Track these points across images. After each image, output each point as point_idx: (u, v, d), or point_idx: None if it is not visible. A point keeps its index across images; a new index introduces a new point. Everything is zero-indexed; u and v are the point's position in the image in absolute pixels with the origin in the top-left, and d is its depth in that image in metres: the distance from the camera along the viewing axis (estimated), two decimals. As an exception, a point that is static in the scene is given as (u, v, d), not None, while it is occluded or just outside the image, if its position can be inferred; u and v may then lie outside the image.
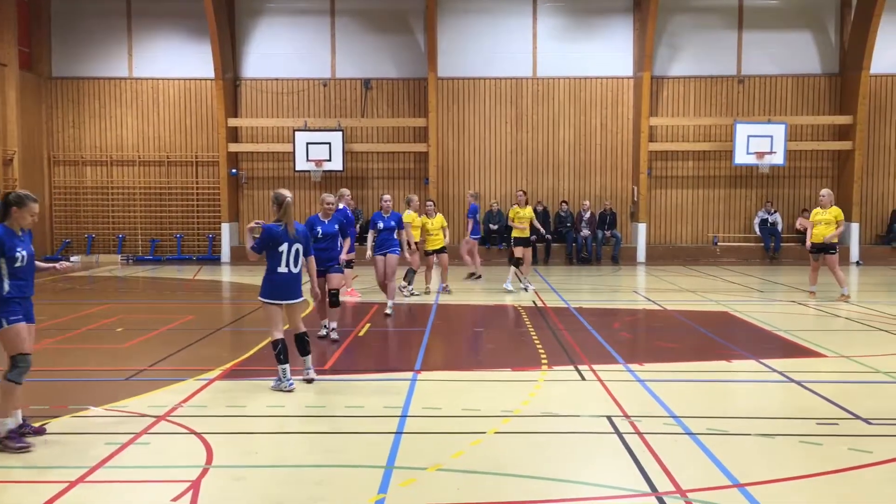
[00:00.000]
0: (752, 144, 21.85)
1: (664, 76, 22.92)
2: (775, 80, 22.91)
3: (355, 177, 23.08)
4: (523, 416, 6.79)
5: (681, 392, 7.70)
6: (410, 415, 6.82)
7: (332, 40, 23.08)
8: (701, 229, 23.32)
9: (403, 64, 23.03)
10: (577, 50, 22.89)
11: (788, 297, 14.83)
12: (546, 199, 22.95)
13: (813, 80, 22.91)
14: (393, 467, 5.50)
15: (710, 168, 23.12)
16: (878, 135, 22.87)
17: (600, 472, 5.52)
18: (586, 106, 23.12)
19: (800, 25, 22.81)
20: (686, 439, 6.10)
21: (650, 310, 13.45)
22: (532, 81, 23.06)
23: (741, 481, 5.17)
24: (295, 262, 7.86)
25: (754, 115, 22.76)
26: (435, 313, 12.86)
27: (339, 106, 23.14)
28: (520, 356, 9.45)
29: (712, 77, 22.95)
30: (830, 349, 9.63)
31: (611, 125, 23.16)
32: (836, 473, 5.36)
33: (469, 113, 23.18)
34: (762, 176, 22.79)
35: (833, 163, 23.05)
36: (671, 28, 22.82)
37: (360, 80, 23.04)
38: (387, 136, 23.18)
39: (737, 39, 22.86)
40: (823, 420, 6.61)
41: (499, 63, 22.93)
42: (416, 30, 22.97)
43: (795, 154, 22.60)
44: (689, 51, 22.93)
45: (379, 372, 8.66)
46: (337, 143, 22.03)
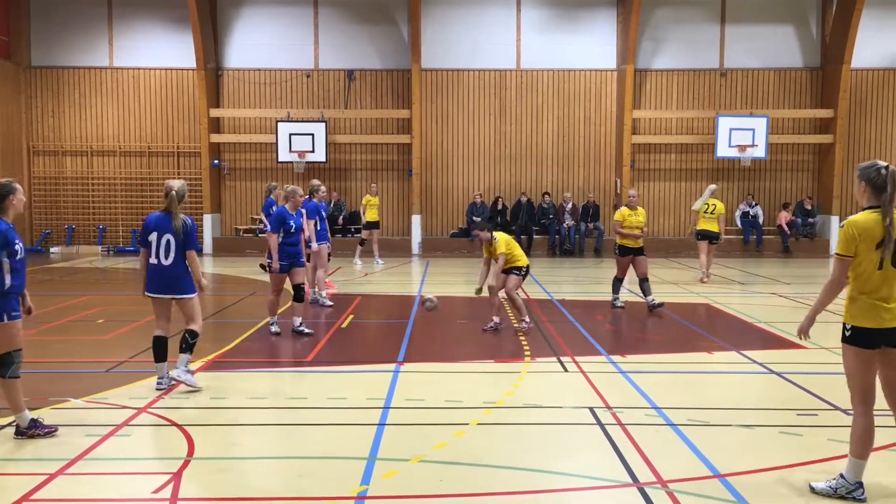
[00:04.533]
0: (734, 137, 21.96)
1: (647, 69, 22.97)
2: (757, 73, 23.02)
3: (338, 168, 22.99)
4: (506, 407, 6.81)
5: (662, 383, 7.75)
6: (393, 406, 6.82)
7: (316, 31, 22.95)
8: (683, 221, 23.42)
9: (387, 55, 22.94)
10: (561, 42, 22.89)
11: (769, 289, 14.94)
12: (529, 191, 22.96)
13: (794, 73, 23.05)
14: (376, 459, 5.50)
15: (692, 161, 23.21)
16: (858, 128, 23.04)
17: (583, 462, 5.54)
18: (570, 98, 23.13)
19: (782, 19, 22.91)
20: (667, 430, 6.14)
21: (632, 302, 13.50)
22: (516, 73, 23.04)
23: (722, 472, 5.21)
24: (166, 253, 7.35)
25: (736, 108, 22.86)
26: (418, 305, 12.85)
27: (322, 97, 23.02)
28: (503, 348, 9.47)
29: (695, 70, 23.03)
30: (810, 341, 9.67)
31: (594, 117, 23.19)
32: (816, 463, 5.41)
33: (453, 104, 23.13)
34: (744, 169, 22.91)
35: (814, 156, 23.21)
36: (654, 21, 22.86)
37: (343, 71, 22.93)
38: (370, 128, 23.10)
39: (719, 33, 22.93)
40: (803, 411, 6.67)
41: (483, 55, 22.89)
42: (399, 20, 22.88)
43: (777, 147, 22.73)
44: (672, 44, 22.99)
45: (362, 363, 8.65)
46: (320, 134, 21.92)
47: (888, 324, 4.76)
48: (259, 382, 7.78)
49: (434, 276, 17.31)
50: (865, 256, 4.79)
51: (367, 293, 14.18)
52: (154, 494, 4.88)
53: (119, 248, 22.86)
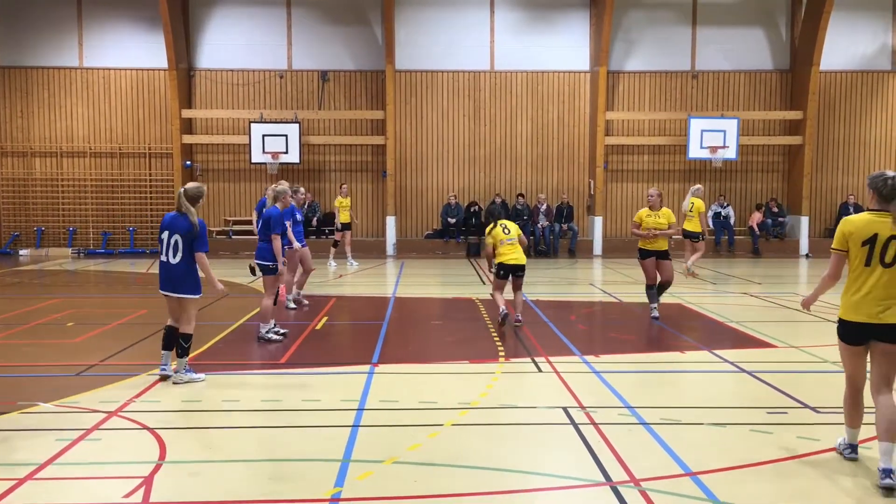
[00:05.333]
0: (705, 139, 22.18)
1: (620, 71, 23.14)
2: (728, 75, 23.28)
3: (312, 169, 22.91)
4: (481, 408, 6.82)
5: (635, 383, 7.81)
6: (367, 408, 6.81)
7: (289, 31, 22.85)
8: (656, 222, 23.57)
9: (361, 56, 22.90)
10: (535, 44, 22.99)
11: (741, 289, 15.10)
12: (504, 192, 23.02)
13: (764, 75, 23.33)
14: (350, 461, 5.49)
15: (664, 162, 23.42)
16: (827, 130, 23.38)
17: (556, 462, 5.57)
18: (543, 99, 23.23)
19: (752, 22, 23.19)
20: (640, 429, 6.18)
21: (606, 302, 13.59)
22: (490, 75, 23.10)
23: (693, 470, 5.26)
24: (174, 252, 7.57)
25: (708, 109, 23.09)
26: (393, 306, 12.84)
27: (295, 98, 22.93)
28: (477, 348, 9.49)
29: (667, 72, 23.24)
30: (780, 339, 9.84)
31: (568, 119, 23.31)
32: (786, 461, 5.48)
33: (427, 106, 23.14)
34: (715, 170, 23.15)
35: (784, 157, 23.51)
36: (627, 23, 23.03)
37: (316, 71, 22.86)
38: (344, 129, 23.04)
39: (691, 35, 23.16)
40: (773, 409, 6.75)
41: (456, 56, 22.93)
42: (373, 22, 22.85)
43: (747, 148, 22.99)
44: (644, 46, 23.18)
45: (336, 365, 8.62)
46: (293, 135, 21.83)
47: (869, 319, 5.13)
48: (232, 385, 7.72)
49: (408, 277, 17.31)
50: (854, 252, 5.22)
51: (341, 295, 14.13)
52: (125, 499, 4.83)
53: (90, 251, 22.59)
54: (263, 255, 9.96)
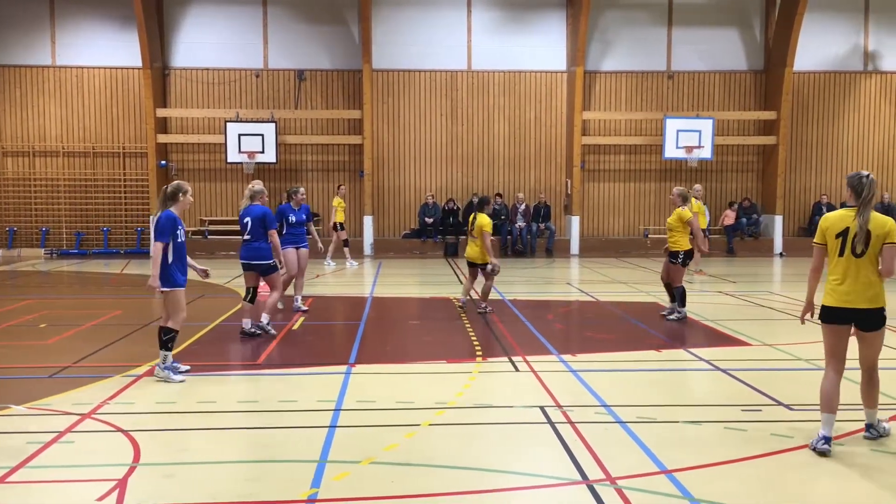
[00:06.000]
0: (681, 139, 22.35)
1: (597, 71, 23.25)
2: (703, 75, 23.47)
3: (289, 169, 22.81)
4: (458, 407, 6.82)
5: (612, 381, 7.84)
6: (344, 408, 6.79)
7: (265, 30, 22.73)
8: (632, 222, 23.76)
9: (337, 55, 22.83)
10: (512, 44, 23.04)
11: (716, 287, 15.23)
12: (481, 191, 23.04)
13: (739, 76, 23.54)
14: (326, 461, 5.46)
15: (641, 162, 23.56)
16: (800, 130, 23.64)
17: (533, 461, 5.58)
18: (521, 99, 23.29)
19: (727, 23, 23.39)
20: (616, 427, 6.21)
21: (583, 301, 13.65)
22: (467, 74, 23.12)
23: (669, 468, 5.29)
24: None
25: (683, 110, 23.27)
26: (370, 306, 12.81)
27: (271, 97, 22.81)
28: (454, 348, 9.49)
29: (643, 72, 23.38)
30: (754, 338, 9.93)
31: (545, 118, 23.39)
32: (760, 458, 5.52)
33: (404, 105, 23.12)
34: (691, 169, 23.32)
35: (758, 157, 23.74)
36: (603, 24, 23.15)
37: (293, 71, 22.77)
38: (321, 128, 22.96)
39: (666, 36, 23.32)
40: (748, 406, 6.81)
41: (434, 55, 22.93)
42: (350, 21, 22.79)
43: (722, 148, 23.19)
44: (620, 46, 23.30)
45: (313, 366, 8.58)
46: (270, 134, 21.72)
47: (844, 304, 5.68)
48: (208, 386, 7.66)
49: (386, 277, 17.28)
50: (830, 245, 5.79)
51: (318, 295, 14.06)
52: (98, 502, 4.78)
53: (63, 251, 22.34)
54: (262, 255, 10.05)
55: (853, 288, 5.65)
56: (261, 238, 10.00)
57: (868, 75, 23.65)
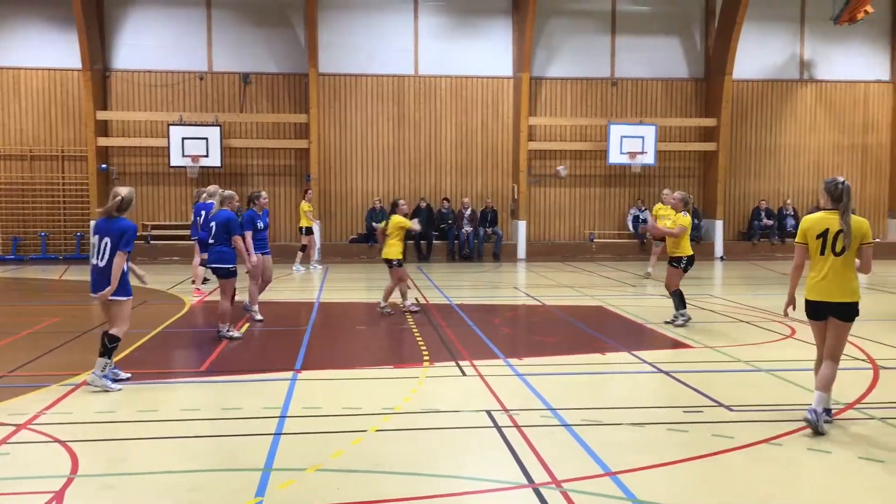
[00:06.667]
0: (624, 144, 22.69)
1: (542, 77, 23.47)
2: (646, 83, 23.87)
3: (234, 173, 22.50)
4: (405, 412, 6.81)
5: (558, 385, 7.91)
6: (290, 415, 6.72)
7: (209, 33, 22.41)
8: (578, 226, 24.03)
9: (283, 59, 22.63)
10: (459, 49, 23.13)
11: (659, 290, 15.48)
12: (429, 196, 23.08)
13: (681, 83, 24.01)
14: (271, 469, 5.40)
15: (586, 167, 23.85)
16: (739, 137, 24.20)
17: (480, 465, 5.59)
18: (468, 105, 23.39)
19: (668, 32, 23.85)
20: (562, 430, 6.27)
21: (530, 305, 13.75)
22: (414, 79, 23.13)
23: (613, 469, 5.36)
24: (101, 255, 7.51)
25: (627, 116, 23.63)
26: (317, 311, 12.71)
27: (216, 100, 22.49)
28: (401, 353, 9.48)
29: (587, 79, 23.68)
30: (696, 340, 10.12)
31: (491, 124, 23.52)
32: (701, 459, 5.63)
33: (351, 110, 23.02)
34: (634, 175, 23.69)
35: (699, 163, 24.23)
36: (548, 31, 23.39)
37: (238, 73, 22.49)
38: (267, 132, 22.72)
39: (610, 43, 23.67)
40: (690, 408, 6.93)
41: (381, 60, 22.89)
42: (296, 24, 22.62)
43: (665, 154, 23.61)
44: (565, 53, 23.57)
45: (257, 372, 8.48)
46: (214, 138, 21.41)
47: (824, 297, 6.22)
48: (149, 394, 7.51)
49: (333, 282, 17.18)
50: (811, 245, 6.28)
51: (263, 301, 13.87)
52: (34, 515, 4.65)
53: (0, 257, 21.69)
54: (222, 259, 10.04)
55: (834, 283, 6.18)
56: (223, 243, 10.08)
57: (804, 84, 24.34)
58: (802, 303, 6.40)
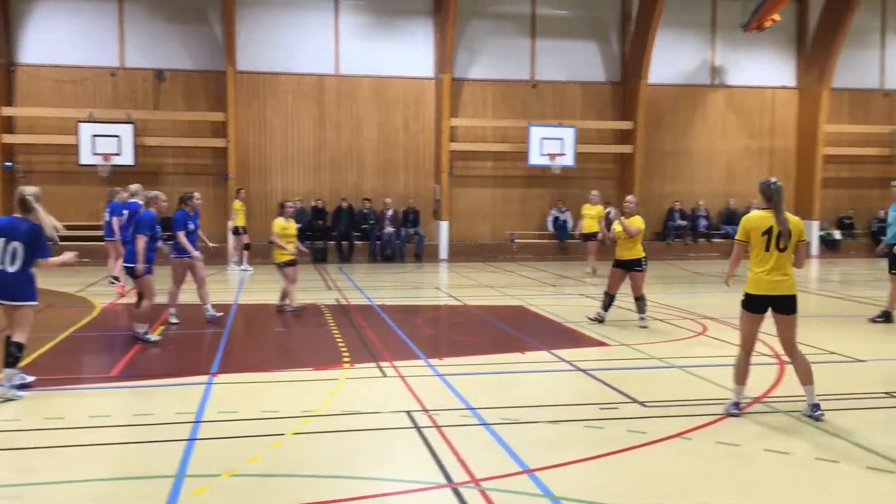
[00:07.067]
0: (544, 146, 23.01)
1: (464, 78, 23.59)
2: (565, 86, 24.26)
3: (148, 172, 21.80)
4: (324, 415, 6.73)
5: (478, 384, 7.95)
6: (205, 420, 6.56)
7: (121, 27, 21.73)
8: (500, 227, 24.24)
9: (200, 56, 22.12)
10: (380, 49, 23.04)
11: (578, 290, 15.75)
12: (350, 196, 22.91)
13: (598, 87, 24.49)
14: (184, 476, 5.26)
15: (507, 168, 24.08)
16: (655, 140, 24.81)
17: (399, 466, 5.58)
18: (389, 105, 23.32)
19: (586, 36, 24.29)
20: (481, 430, 6.30)
21: (451, 305, 13.81)
22: (335, 79, 22.93)
23: (531, 467, 5.42)
24: (11, 260, 7.35)
25: (547, 118, 23.95)
26: (234, 314, 12.46)
27: (128, 97, 21.82)
28: (321, 355, 9.38)
29: (508, 81, 23.92)
30: (613, 338, 10.33)
31: (413, 124, 23.52)
32: (616, 454, 5.74)
33: (270, 108, 22.67)
34: (554, 176, 24.02)
35: (617, 165, 24.75)
36: (469, 32, 23.53)
37: (152, 70, 21.86)
38: (182, 130, 22.16)
39: (530, 46, 23.96)
40: (606, 405, 7.07)
41: (301, 59, 22.61)
42: (212, 20, 22.13)
43: (584, 156, 23.99)
44: (486, 55, 23.76)
45: (172, 377, 8.26)
46: (127, 136, 20.79)
47: (765, 291, 6.51)
48: (56, 400, 7.23)
49: (251, 283, 16.90)
50: (755, 240, 6.56)
51: (179, 303, 13.52)
52: (-72, 531, 4.41)
53: None
54: (131, 259, 9.95)
55: (779, 278, 6.50)
56: (133, 242, 9.98)
57: (715, 89, 25.14)
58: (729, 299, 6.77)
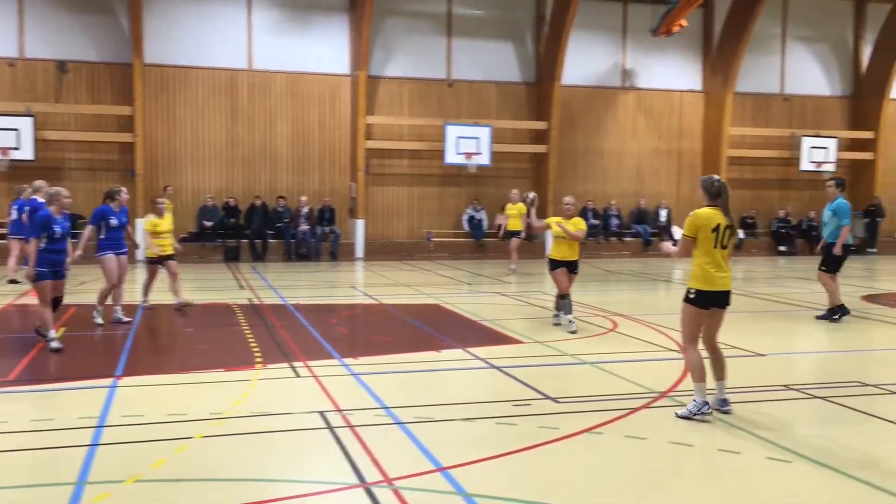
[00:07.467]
0: (461, 145, 23.13)
1: (380, 76, 23.49)
2: (481, 85, 24.44)
3: (49, 167, 20.88)
4: (234, 417, 6.58)
5: (393, 383, 7.92)
6: (108, 424, 6.32)
7: (20, 16, 20.77)
8: (416, 225, 24.25)
9: (105, 47, 21.35)
10: (295, 45, 22.72)
11: (493, 288, 15.89)
12: (264, 194, 22.52)
13: (514, 87, 24.76)
14: (85, 483, 5.05)
15: (423, 167, 24.10)
16: (568, 140, 25.25)
17: (312, 468, 5.50)
18: (304, 101, 23.03)
19: (502, 36, 24.53)
20: (395, 429, 6.27)
21: (367, 304, 13.72)
22: (248, 74, 22.51)
23: (444, 465, 5.42)
24: None
25: (462, 117, 24.07)
26: (141, 314, 12.07)
27: (28, 89, 20.89)
28: (233, 356, 9.17)
29: (425, 79, 23.94)
30: (526, 335, 10.45)
31: (329, 121, 23.28)
32: (528, 450, 5.80)
33: (180, 103, 22.07)
34: (470, 175, 24.18)
35: (532, 164, 25.09)
36: (385, 30, 23.45)
37: (54, 61, 20.99)
38: (87, 125, 21.35)
39: (446, 45, 24.04)
40: (518, 401, 7.13)
41: (212, 53, 22.09)
42: (118, 11, 21.39)
43: (499, 155, 24.22)
44: (403, 53, 23.72)
45: (74, 380, 7.93)
46: (27, 129, 19.92)
47: (718, 287, 6.59)
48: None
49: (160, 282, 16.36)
50: (704, 236, 6.58)
51: (81, 303, 13.03)
52: None
53: None
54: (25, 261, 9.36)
55: (725, 274, 6.62)
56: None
57: (626, 91, 25.76)
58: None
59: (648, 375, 8.12)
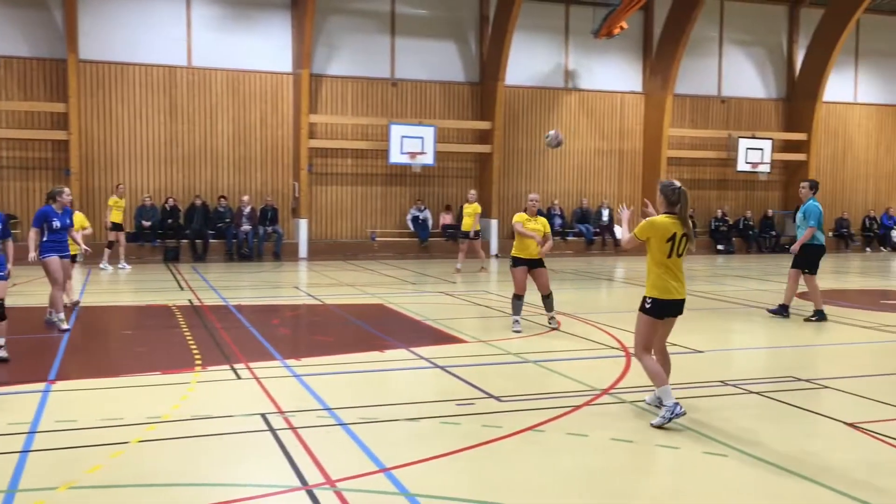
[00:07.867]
0: (405, 145, 23.10)
1: (323, 75, 23.32)
2: (425, 85, 24.44)
3: (-20, 166, 20.32)
4: (172, 420, 6.44)
5: (336, 384, 7.85)
6: (40, 430, 6.13)
7: (-52, 8, 20.06)
8: (360, 225, 24.13)
9: (38, 42, 20.74)
10: (235, 42, 22.41)
11: (438, 288, 15.89)
12: (204, 193, 22.16)
13: (458, 87, 24.82)
14: (16, 491, 4.89)
15: (368, 166, 24.00)
16: (512, 140, 25.43)
17: (253, 471, 5.41)
18: (245, 99, 22.72)
19: (445, 36, 24.57)
20: (338, 430, 6.22)
21: (310, 305, 13.59)
22: (187, 71, 22.11)
23: (388, 465, 5.39)
24: None
25: (407, 117, 24.05)
26: (76, 316, 11.75)
27: (-43, 84, 20.19)
28: (171, 358, 8.98)
29: (368, 79, 23.84)
30: (470, 335, 10.48)
31: (271, 120, 23.02)
32: (472, 449, 5.80)
33: (117, 100, 21.57)
34: (415, 175, 24.18)
35: (476, 164, 25.19)
36: (328, 28, 23.28)
37: (-16, 56, 20.32)
38: (18, 122, 20.73)
39: (390, 45, 23.98)
40: (462, 401, 7.14)
41: (150, 49, 21.64)
42: (52, 5, 20.80)
43: (444, 155, 24.29)
44: (346, 52, 23.58)
45: (4, 384, 7.66)
46: (-45, 126, 19.20)
47: (674, 297, 6.53)
48: None
49: (96, 284, 16.00)
50: (658, 246, 6.47)
51: (13, 306, 12.63)
52: None
53: None
54: None
55: (681, 283, 6.56)
56: None
57: (568, 92, 26.04)
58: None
59: (591, 373, 8.21)
